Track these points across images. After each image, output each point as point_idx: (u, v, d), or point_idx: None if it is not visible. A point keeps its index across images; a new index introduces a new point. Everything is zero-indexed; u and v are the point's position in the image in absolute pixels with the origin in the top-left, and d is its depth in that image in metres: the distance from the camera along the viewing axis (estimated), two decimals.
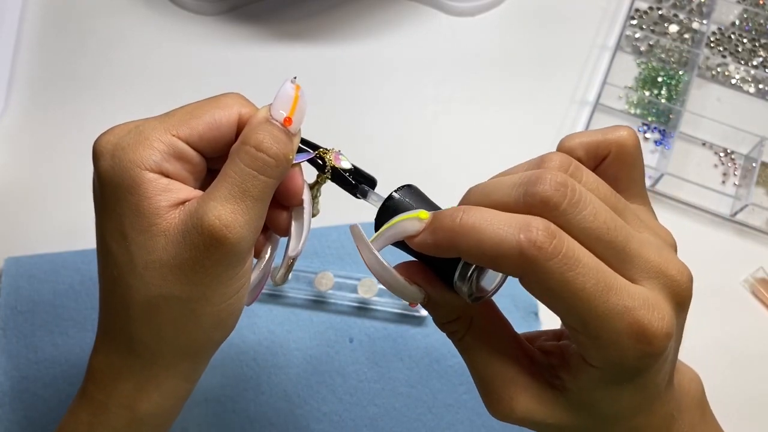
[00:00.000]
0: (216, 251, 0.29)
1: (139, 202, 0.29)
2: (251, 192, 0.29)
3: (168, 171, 0.30)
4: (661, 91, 0.61)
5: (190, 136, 0.30)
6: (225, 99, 0.31)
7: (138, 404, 0.32)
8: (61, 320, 0.51)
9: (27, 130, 0.59)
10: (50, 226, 0.55)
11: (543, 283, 0.25)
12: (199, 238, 0.29)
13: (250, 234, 0.30)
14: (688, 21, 0.64)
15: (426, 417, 0.48)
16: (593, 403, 0.28)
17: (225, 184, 0.29)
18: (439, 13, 0.65)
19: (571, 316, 0.25)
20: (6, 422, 0.48)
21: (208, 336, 0.32)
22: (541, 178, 0.25)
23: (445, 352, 0.50)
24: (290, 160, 0.30)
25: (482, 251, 0.25)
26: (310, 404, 0.49)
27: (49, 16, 0.65)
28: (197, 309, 0.30)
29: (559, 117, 0.60)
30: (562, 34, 0.64)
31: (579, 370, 0.27)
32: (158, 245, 0.29)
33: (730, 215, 0.56)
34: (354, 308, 0.51)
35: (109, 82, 0.62)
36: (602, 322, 0.25)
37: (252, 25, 0.64)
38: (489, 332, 0.30)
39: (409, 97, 0.61)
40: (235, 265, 0.30)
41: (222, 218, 0.29)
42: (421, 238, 0.27)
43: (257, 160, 0.29)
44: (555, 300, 0.25)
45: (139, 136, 0.30)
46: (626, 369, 0.26)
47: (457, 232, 0.26)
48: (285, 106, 0.31)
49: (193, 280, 0.30)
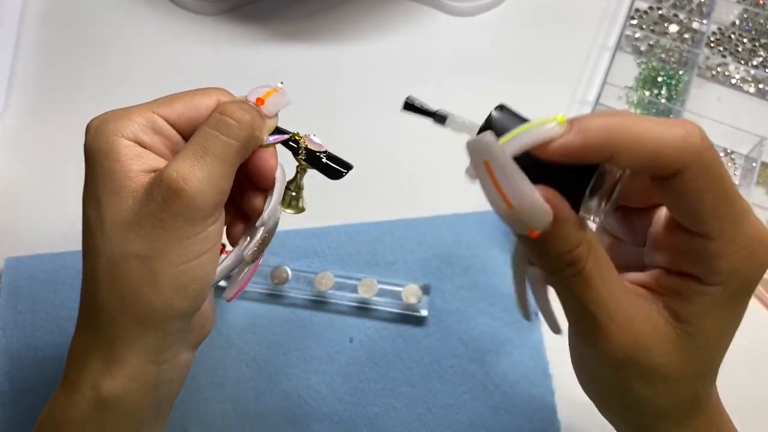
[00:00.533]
0: (173, 203, 0.30)
1: (112, 164, 0.31)
2: (211, 149, 0.31)
3: (144, 142, 0.32)
4: (661, 91, 0.61)
5: (169, 114, 0.33)
6: (208, 89, 0.34)
7: (103, 384, 0.32)
8: (61, 320, 0.51)
9: (27, 130, 0.59)
10: (50, 226, 0.55)
11: (702, 176, 0.25)
12: (158, 191, 0.30)
13: (209, 189, 0.31)
14: (688, 21, 0.64)
15: (426, 417, 0.48)
16: (704, 336, 0.28)
17: (189, 145, 0.31)
18: (439, 13, 0.65)
19: (715, 215, 0.26)
20: (6, 422, 0.48)
21: (168, 301, 0.31)
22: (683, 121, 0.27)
23: (445, 352, 0.50)
24: (255, 129, 0.32)
25: (643, 146, 0.25)
26: (310, 404, 0.49)
27: (49, 16, 0.65)
28: (155, 267, 0.31)
29: None
30: (562, 34, 0.64)
31: (696, 294, 0.27)
32: (126, 205, 0.31)
33: None
34: (354, 308, 0.51)
35: (109, 82, 0.62)
36: (739, 223, 0.26)
37: (252, 25, 0.64)
38: (605, 261, 0.28)
39: None
40: (194, 221, 0.31)
41: (180, 171, 0.30)
42: (566, 140, 0.25)
43: (219, 121, 0.32)
44: (708, 196, 0.25)
45: (123, 112, 0.32)
46: (746, 281, 0.27)
47: (611, 129, 0.25)
48: (259, 93, 0.34)
49: (151, 235, 0.30)
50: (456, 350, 0.50)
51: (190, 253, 0.31)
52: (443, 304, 0.51)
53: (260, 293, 0.52)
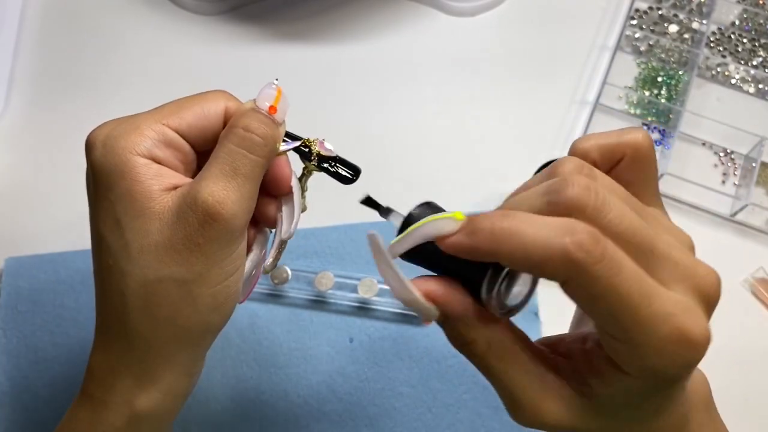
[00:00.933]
0: (210, 228, 0.30)
1: (131, 186, 0.30)
2: (241, 170, 0.30)
3: (159, 157, 0.31)
4: (661, 91, 0.61)
5: (179, 126, 0.31)
6: (212, 94, 0.33)
7: (137, 401, 0.32)
8: (61, 320, 0.51)
9: (27, 130, 0.59)
10: (50, 226, 0.55)
11: (588, 289, 0.24)
12: (194, 216, 0.29)
13: (242, 211, 0.30)
14: (688, 21, 0.64)
15: (426, 417, 0.48)
16: (621, 409, 0.27)
17: (216, 164, 0.30)
18: (439, 13, 0.65)
19: (613, 323, 0.24)
20: (6, 422, 0.48)
21: (206, 320, 0.32)
22: (562, 184, 0.25)
23: (445, 352, 0.50)
24: (276, 142, 0.32)
25: (526, 255, 0.24)
26: (310, 404, 0.49)
27: (49, 16, 0.65)
28: (194, 290, 0.31)
29: (559, 117, 0.60)
30: (562, 34, 0.64)
31: (611, 378, 0.26)
32: (153, 228, 0.30)
33: (730, 215, 0.56)
34: (354, 308, 0.51)
35: (109, 82, 0.62)
36: (646, 329, 0.24)
37: (252, 25, 0.64)
38: (509, 346, 0.28)
39: (409, 97, 0.61)
40: (230, 243, 0.31)
41: (215, 195, 0.29)
42: (457, 239, 0.26)
43: (245, 139, 0.31)
44: (598, 306, 0.24)
45: (131, 125, 0.31)
46: (666, 377, 0.25)
47: (497, 234, 0.24)
48: (268, 98, 0.32)
49: (189, 259, 0.30)
50: (455, 351, 0.50)
51: (226, 273, 0.31)
52: None
53: (260, 293, 0.52)
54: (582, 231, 0.23)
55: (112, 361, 0.32)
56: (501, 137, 0.60)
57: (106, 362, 0.33)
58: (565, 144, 0.59)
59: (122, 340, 0.32)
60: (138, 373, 0.32)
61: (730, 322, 0.52)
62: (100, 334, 0.33)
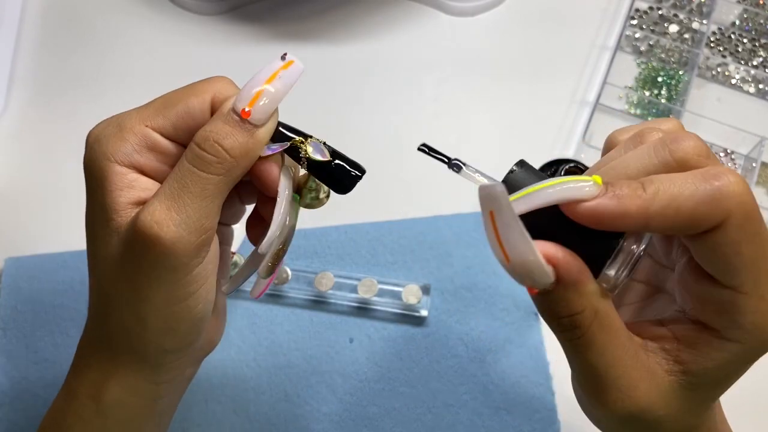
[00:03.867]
0: (150, 251, 0.28)
1: (103, 196, 0.29)
2: (190, 188, 0.28)
3: (140, 163, 0.30)
4: (661, 91, 0.61)
5: (163, 127, 0.30)
6: (201, 85, 0.30)
7: (102, 395, 0.32)
8: (61, 320, 0.51)
9: (27, 130, 0.59)
10: (50, 226, 0.55)
11: (742, 228, 0.24)
12: (134, 236, 0.28)
13: (189, 233, 0.28)
14: (688, 21, 0.64)
15: (426, 417, 0.48)
16: (712, 387, 0.27)
17: (167, 182, 0.29)
18: (439, 13, 0.65)
19: (749, 269, 0.24)
20: (6, 422, 0.48)
21: (158, 341, 0.31)
22: (680, 136, 0.25)
23: (445, 352, 0.50)
24: (248, 152, 0.29)
25: (679, 210, 0.24)
26: (310, 404, 0.49)
27: (49, 16, 0.65)
28: (140, 311, 0.30)
29: (559, 117, 0.60)
30: (562, 34, 0.64)
31: (710, 348, 0.26)
32: (111, 241, 0.29)
33: None
34: (354, 308, 0.51)
35: (109, 82, 0.62)
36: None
37: (252, 25, 0.64)
38: (614, 319, 0.27)
39: (409, 97, 0.61)
40: (176, 268, 0.29)
41: (155, 215, 0.28)
42: (601, 203, 0.24)
43: (197, 157, 0.28)
44: (745, 248, 0.24)
45: (114, 128, 0.30)
46: (766, 341, 0.26)
47: (645, 199, 0.24)
48: (250, 93, 0.29)
49: (134, 281, 0.29)
50: (456, 350, 0.50)
51: (174, 298, 0.29)
52: (443, 304, 0.51)
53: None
54: (728, 172, 0.24)
55: (86, 353, 0.33)
56: (501, 137, 0.59)
57: (82, 353, 0.33)
58: (565, 144, 0.59)
59: (95, 335, 0.32)
60: (104, 369, 0.32)
61: None
62: (86, 323, 0.33)
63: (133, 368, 0.32)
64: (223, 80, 0.31)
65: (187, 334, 0.31)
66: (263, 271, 0.32)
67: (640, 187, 0.24)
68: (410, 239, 0.53)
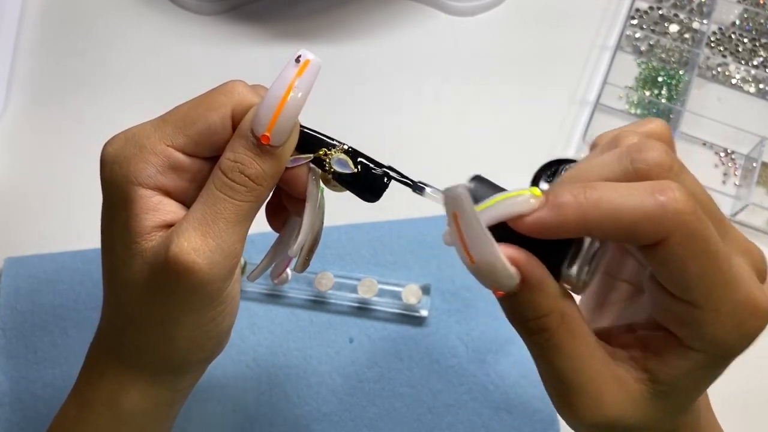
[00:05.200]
0: (187, 279, 0.28)
1: (128, 219, 0.29)
2: (223, 215, 0.28)
3: (163, 184, 0.29)
4: (662, 91, 0.61)
5: (185, 145, 0.29)
6: (219, 97, 0.29)
7: (119, 404, 0.32)
8: (61, 320, 0.51)
9: (27, 130, 0.59)
10: (50, 226, 0.55)
11: (685, 244, 0.23)
12: (167, 263, 0.28)
13: (223, 259, 0.28)
14: (688, 21, 0.64)
15: (426, 417, 0.48)
16: (679, 394, 0.27)
17: (197, 208, 0.28)
18: (439, 13, 0.65)
19: (696, 285, 0.24)
20: (6, 422, 0.48)
21: (185, 358, 0.31)
22: (645, 145, 0.24)
23: (445, 352, 0.50)
24: (271, 178, 0.29)
25: (618, 221, 0.23)
26: (310, 404, 0.48)
27: (48, 16, 0.65)
28: (170, 332, 0.30)
29: (559, 117, 0.60)
30: (562, 34, 0.64)
31: (675, 358, 0.26)
32: (135, 265, 0.29)
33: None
34: (354, 308, 0.51)
35: (109, 82, 0.62)
36: (724, 293, 0.24)
37: (252, 25, 0.64)
38: (580, 323, 0.27)
39: (409, 97, 0.61)
40: (209, 294, 0.29)
41: (192, 243, 0.27)
42: (539, 216, 0.24)
43: (225, 185, 0.28)
44: (691, 264, 0.24)
45: (135, 148, 0.29)
46: (732, 349, 0.25)
47: (584, 206, 0.24)
48: (267, 114, 0.28)
49: (164, 306, 0.29)
50: (456, 350, 0.50)
51: (206, 319, 0.30)
52: (443, 305, 0.51)
53: (260, 293, 0.51)
54: (675, 188, 0.23)
55: (101, 362, 0.33)
56: (501, 137, 0.59)
57: (96, 362, 0.33)
58: (565, 144, 0.59)
59: (111, 347, 0.32)
60: (122, 379, 0.32)
61: None
62: (98, 332, 0.33)
63: (155, 378, 0.32)
64: (240, 89, 0.29)
65: (214, 348, 0.32)
66: (299, 267, 0.34)
67: (581, 193, 0.24)
68: (410, 239, 0.53)
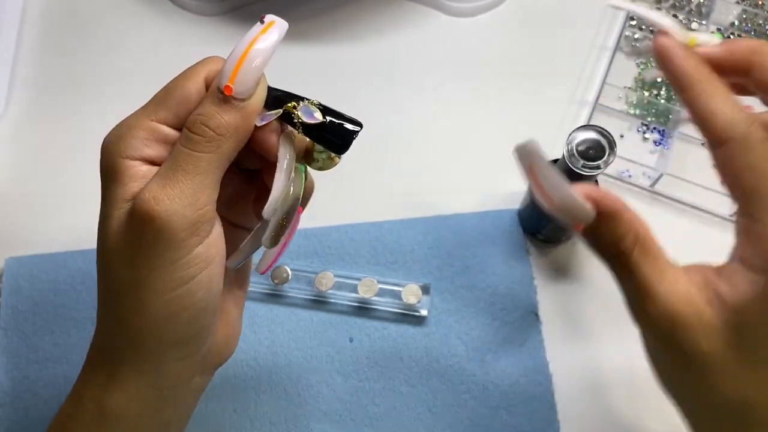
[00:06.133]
0: (147, 227, 0.28)
1: (116, 189, 0.30)
2: (182, 166, 0.29)
3: (150, 155, 0.30)
4: (661, 92, 0.61)
5: (167, 118, 0.30)
6: (194, 68, 0.31)
7: (104, 401, 0.31)
8: (61, 320, 0.51)
9: (27, 131, 0.59)
10: (50, 226, 0.55)
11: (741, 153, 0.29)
12: (134, 216, 0.29)
13: (184, 208, 0.29)
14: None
15: (426, 416, 0.48)
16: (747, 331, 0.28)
17: (163, 165, 0.30)
18: (439, 14, 0.65)
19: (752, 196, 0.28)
20: (6, 422, 0.48)
21: (158, 331, 0.30)
22: None
23: (445, 352, 0.50)
24: (236, 129, 0.30)
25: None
26: (310, 404, 0.49)
27: (49, 16, 0.65)
28: (141, 295, 0.29)
29: (559, 117, 0.60)
30: (562, 34, 0.64)
31: (742, 280, 0.27)
32: (112, 230, 0.30)
33: (730, 215, 0.56)
34: (354, 308, 0.51)
35: (110, 82, 0.62)
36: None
37: (252, 25, 0.64)
38: (652, 248, 0.30)
39: (409, 97, 0.61)
40: (173, 245, 0.29)
41: (151, 191, 0.29)
42: (713, 50, 0.33)
43: (187, 138, 0.29)
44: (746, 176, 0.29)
45: (124, 127, 0.31)
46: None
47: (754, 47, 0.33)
48: (230, 67, 0.30)
49: (133, 262, 0.29)
50: (456, 350, 0.50)
51: (175, 280, 0.29)
52: (443, 304, 0.51)
53: (260, 293, 0.52)
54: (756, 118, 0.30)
55: (92, 356, 0.33)
56: (500, 137, 0.59)
57: (90, 357, 0.33)
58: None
59: (99, 336, 0.32)
60: (108, 372, 0.32)
61: None
62: (96, 327, 0.33)
63: (136, 368, 0.31)
64: (214, 59, 0.32)
65: (189, 324, 0.31)
66: (267, 240, 0.32)
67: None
68: (410, 239, 0.53)
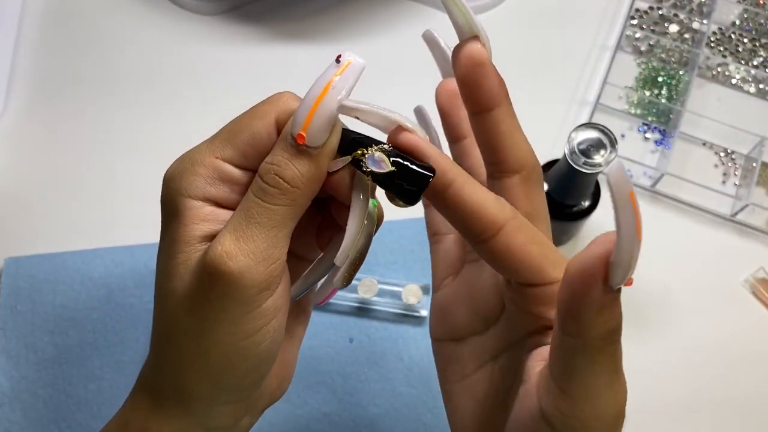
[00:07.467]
0: (218, 282, 0.27)
1: (177, 229, 0.29)
2: (256, 219, 0.28)
3: (214, 195, 0.29)
4: (662, 91, 0.61)
5: (233, 157, 0.29)
6: (264, 106, 0.29)
7: (152, 428, 0.31)
8: (61, 320, 0.51)
9: (27, 130, 0.59)
10: (50, 226, 0.55)
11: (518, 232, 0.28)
12: (203, 268, 0.28)
13: (257, 264, 0.28)
14: (688, 21, 0.64)
15: (426, 417, 0.48)
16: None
17: (234, 215, 0.28)
18: (439, 13, 0.65)
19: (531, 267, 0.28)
20: (6, 422, 0.48)
21: (216, 377, 0.30)
22: None
23: None
24: (309, 181, 0.28)
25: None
26: (310, 404, 0.48)
27: (48, 16, 0.65)
28: (204, 344, 0.29)
29: (560, 117, 0.60)
30: (562, 33, 0.64)
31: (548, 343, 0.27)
32: (178, 274, 0.29)
33: (731, 215, 0.56)
34: (354, 308, 0.51)
35: (109, 82, 0.62)
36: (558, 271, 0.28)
37: (252, 25, 0.64)
38: None
39: (409, 98, 0.61)
40: (243, 301, 0.28)
41: (224, 246, 0.27)
42: None
43: (260, 189, 0.28)
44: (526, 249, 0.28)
45: (186, 163, 0.29)
46: None
47: None
48: (303, 113, 0.27)
49: (199, 314, 0.28)
50: None
51: (241, 332, 0.29)
52: None
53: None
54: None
55: (143, 383, 0.32)
56: None
57: (141, 385, 0.32)
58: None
59: (147, 371, 0.32)
60: (158, 404, 0.31)
61: (730, 322, 0.52)
62: (149, 357, 0.32)
63: (185, 409, 0.31)
64: (285, 97, 0.29)
65: (248, 373, 0.30)
66: (340, 281, 0.31)
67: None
68: (410, 239, 0.53)
